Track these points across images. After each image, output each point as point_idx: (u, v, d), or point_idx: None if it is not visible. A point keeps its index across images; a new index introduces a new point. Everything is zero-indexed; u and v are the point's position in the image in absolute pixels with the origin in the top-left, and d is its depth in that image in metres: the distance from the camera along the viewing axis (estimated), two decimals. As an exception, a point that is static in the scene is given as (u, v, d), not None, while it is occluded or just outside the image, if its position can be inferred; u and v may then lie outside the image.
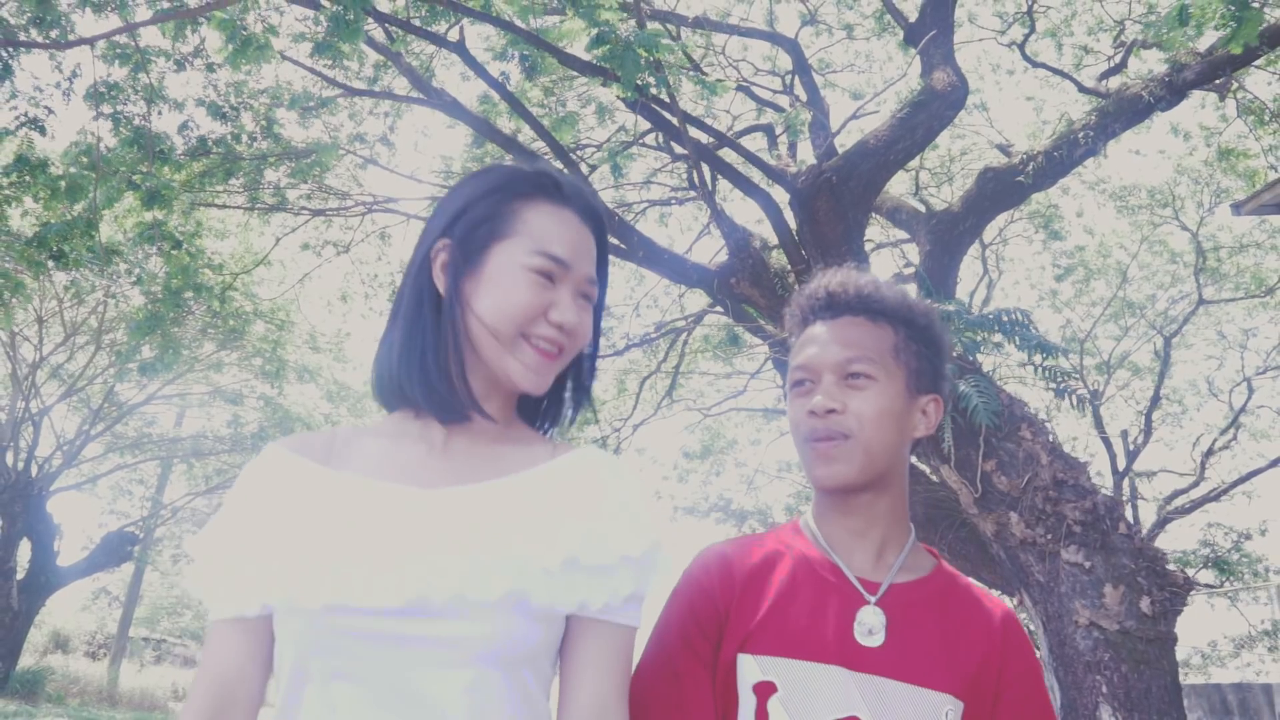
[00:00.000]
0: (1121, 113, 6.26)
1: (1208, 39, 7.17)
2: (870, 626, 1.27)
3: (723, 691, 1.28)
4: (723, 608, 1.32)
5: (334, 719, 1.03)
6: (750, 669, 1.27)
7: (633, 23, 5.03)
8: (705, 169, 6.34)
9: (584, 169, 9.09)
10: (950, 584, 1.37)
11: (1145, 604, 4.02)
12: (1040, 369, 4.78)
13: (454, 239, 1.19)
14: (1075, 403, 4.50)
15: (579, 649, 1.12)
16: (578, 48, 5.42)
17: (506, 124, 8.20)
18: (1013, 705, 1.30)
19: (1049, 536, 4.21)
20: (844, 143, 9.33)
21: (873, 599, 1.30)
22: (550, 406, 1.31)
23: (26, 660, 15.10)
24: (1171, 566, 4.23)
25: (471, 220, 1.18)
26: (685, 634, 1.31)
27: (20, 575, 14.31)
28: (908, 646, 1.28)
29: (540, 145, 7.83)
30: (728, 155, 7.72)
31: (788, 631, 1.28)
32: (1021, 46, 9.58)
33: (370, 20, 5.52)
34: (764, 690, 1.25)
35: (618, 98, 5.27)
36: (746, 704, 1.26)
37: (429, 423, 1.20)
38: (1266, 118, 9.65)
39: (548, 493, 1.15)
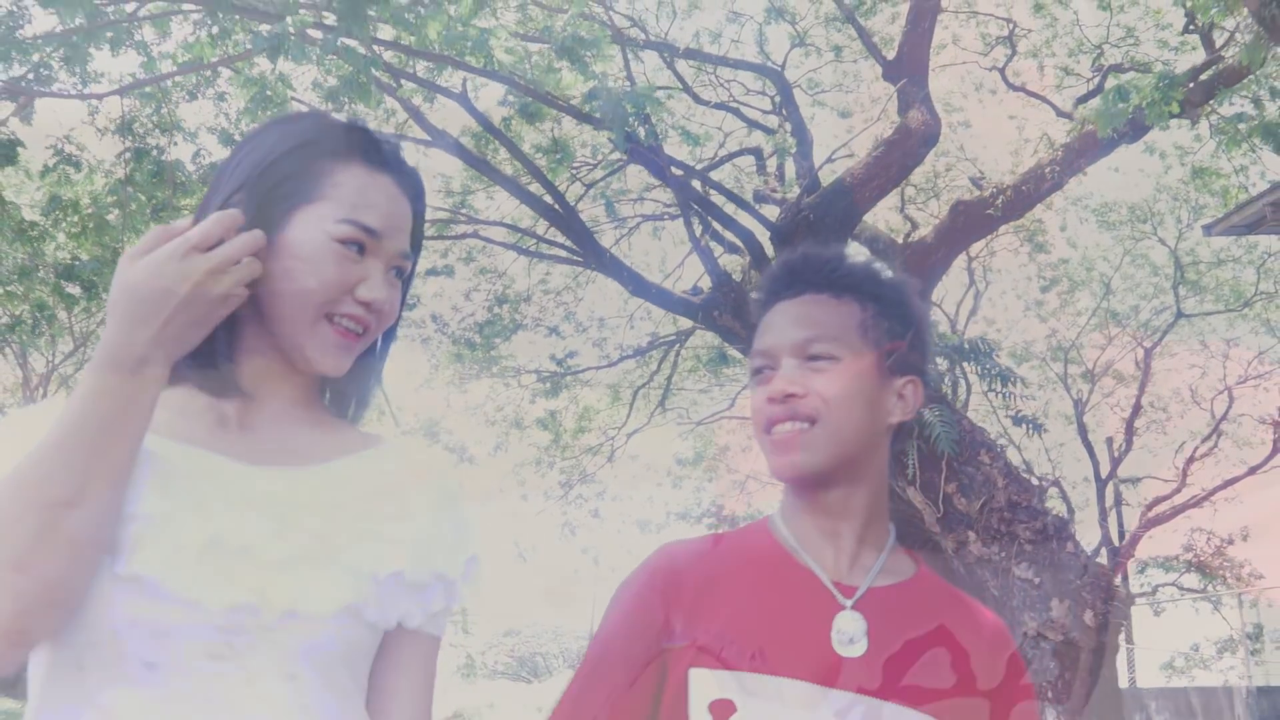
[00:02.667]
0: (1086, 148, 6.64)
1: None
2: (850, 635, 1.15)
3: (673, 712, 1.16)
4: (665, 620, 1.20)
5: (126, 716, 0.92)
6: (705, 685, 1.15)
7: (625, 59, 5.39)
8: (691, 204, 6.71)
9: (579, 187, 9.45)
10: (934, 590, 1.26)
11: (1088, 616, 4.40)
12: (1001, 395, 5.15)
13: (249, 198, 1.02)
14: (1031, 431, 4.87)
15: (393, 660, 1.08)
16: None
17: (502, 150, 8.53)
18: None
19: (1003, 554, 4.60)
20: (834, 165, 9.68)
21: (849, 603, 1.18)
22: (349, 388, 1.18)
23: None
24: (1115, 582, 4.61)
25: (272, 178, 1.04)
26: (608, 653, 1.23)
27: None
28: (889, 658, 1.15)
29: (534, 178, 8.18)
30: (716, 178, 8.08)
31: (749, 643, 1.15)
32: (1002, 70, 9.94)
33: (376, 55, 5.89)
34: (721, 710, 1.14)
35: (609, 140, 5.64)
36: None
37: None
38: (1239, 139, 9.96)
39: (372, 489, 1.08)
